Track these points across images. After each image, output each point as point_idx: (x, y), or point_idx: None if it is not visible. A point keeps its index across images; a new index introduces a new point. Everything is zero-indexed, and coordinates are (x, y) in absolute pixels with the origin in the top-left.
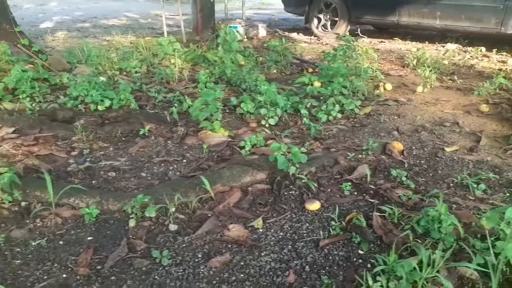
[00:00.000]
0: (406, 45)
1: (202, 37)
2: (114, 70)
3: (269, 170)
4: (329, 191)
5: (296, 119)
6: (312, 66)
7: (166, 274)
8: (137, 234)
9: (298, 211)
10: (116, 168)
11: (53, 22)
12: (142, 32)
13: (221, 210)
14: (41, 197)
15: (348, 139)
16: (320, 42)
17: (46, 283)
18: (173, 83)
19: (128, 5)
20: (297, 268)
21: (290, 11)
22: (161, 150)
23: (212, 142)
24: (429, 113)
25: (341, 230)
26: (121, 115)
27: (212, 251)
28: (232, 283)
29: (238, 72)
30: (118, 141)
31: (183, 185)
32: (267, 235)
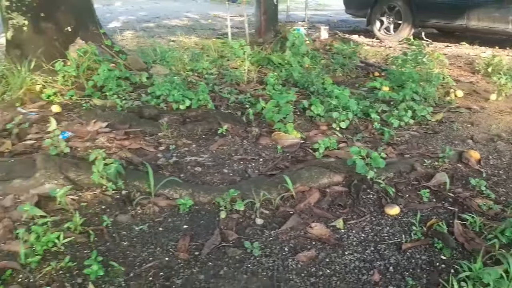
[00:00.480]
0: (474, 50)
1: (265, 39)
2: (187, 71)
3: (346, 173)
4: (407, 196)
5: (366, 124)
6: (378, 70)
7: (258, 264)
8: (228, 225)
9: (377, 214)
10: (201, 164)
11: (119, 22)
12: (203, 32)
13: (302, 208)
14: (139, 187)
15: (422, 146)
16: (383, 45)
17: (152, 264)
18: (242, 85)
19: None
20: (381, 268)
21: (351, 13)
22: (239, 149)
23: (286, 143)
24: (504, 122)
25: (422, 235)
26: (200, 115)
27: (298, 246)
28: (319, 277)
29: (305, 75)
30: (199, 139)
31: (265, 183)
32: (349, 236)
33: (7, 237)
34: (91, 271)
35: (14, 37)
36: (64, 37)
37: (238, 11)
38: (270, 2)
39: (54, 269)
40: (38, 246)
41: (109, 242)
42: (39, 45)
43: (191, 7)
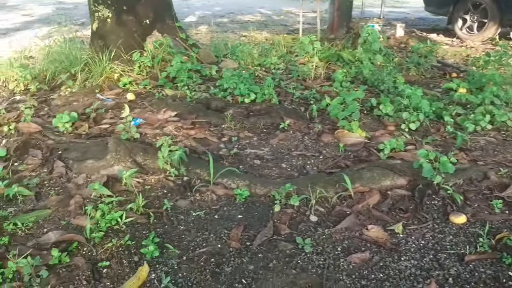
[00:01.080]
0: None
1: (337, 36)
2: (255, 66)
3: (411, 176)
4: (476, 206)
5: (438, 126)
6: (456, 70)
7: (308, 261)
8: (281, 219)
9: (441, 222)
10: (260, 157)
11: (196, 16)
12: (275, 28)
13: (360, 209)
14: (200, 175)
15: (498, 153)
16: (464, 45)
17: (205, 249)
18: (308, 81)
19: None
20: (439, 278)
21: (431, 10)
22: (299, 145)
23: (349, 142)
24: None
25: (489, 247)
26: (264, 109)
27: (351, 247)
28: (371, 281)
29: (376, 72)
30: (261, 132)
31: (323, 180)
32: (407, 241)
33: (77, 212)
34: (147, 251)
35: (99, 28)
36: (143, 29)
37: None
38: None
39: (114, 245)
40: (102, 223)
41: (167, 225)
42: (120, 36)
43: (265, 3)
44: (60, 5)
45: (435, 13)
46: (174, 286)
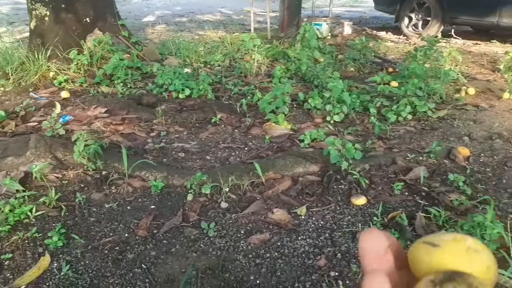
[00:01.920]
0: (505, 49)
1: (286, 34)
2: (200, 63)
3: (323, 163)
4: (380, 189)
5: (364, 118)
6: (393, 65)
7: (210, 244)
8: (192, 207)
9: (343, 204)
10: (186, 150)
11: (155, 16)
12: (232, 27)
13: (270, 195)
14: (118, 168)
15: (414, 141)
16: (408, 42)
17: (111, 238)
18: (250, 77)
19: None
20: (329, 254)
21: (380, 9)
22: (228, 138)
23: (274, 134)
24: (510, 120)
25: (381, 225)
26: (198, 104)
27: (254, 230)
28: (266, 259)
29: (313, 68)
30: (192, 127)
31: (239, 169)
32: (308, 222)
33: None
34: (51, 242)
35: (37, 27)
36: (83, 28)
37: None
38: None
39: (20, 238)
40: (10, 217)
41: (78, 217)
42: (58, 35)
43: (227, 3)
44: (16, 5)
45: (384, 11)
46: (74, 273)
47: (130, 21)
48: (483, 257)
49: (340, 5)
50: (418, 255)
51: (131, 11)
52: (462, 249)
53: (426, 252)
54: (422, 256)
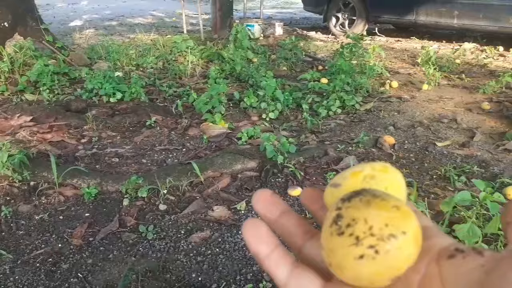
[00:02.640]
0: (423, 44)
1: (220, 35)
2: (132, 66)
3: (260, 159)
4: (314, 179)
5: (297, 114)
6: (322, 63)
7: (150, 247)
8: (129, 211)
9: (280, 196)
10: (120, 155)
11: (82, 20)
12: (165, 30)
13: (209, 193)
14: (47, 178)
15: (344, 133)
16: (337, 40)
17: (43, 250)
18: (185, 79)
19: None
20: None
21: (309, 9)
22: (164, 140)
23: (212, 133)
24: (429, 109)
25: None
26: (131, 107)
27: (194, 229)
28: (207, 256)
29: (247, 68)
30: (126, 131)
31: (177, 170)
32: (248, 216)
33: None
34: None
35: None
36: (1, 33)
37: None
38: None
39: None
40: None
41: (4, 231)
42: None
43: (159, 6)
44: None
45: (313, 12)
46: None
47: (55, 26)
48: (379, 181)
49: (271, 6)
50: (326, 199)
51: (56, 15)
52: (359, 181)
53: (331, 194)
54: (329, 199)
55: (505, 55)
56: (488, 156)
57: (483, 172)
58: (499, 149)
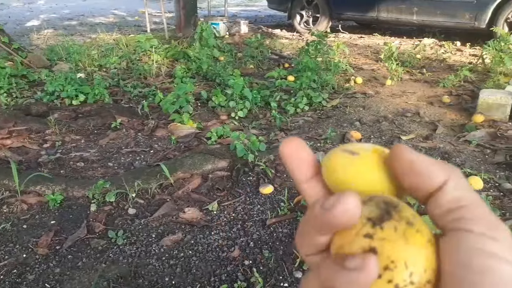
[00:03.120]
0: (385, 40)
1: (184, 34)
2: (94, 67)
3: (231, 158)
4: (285, 176)
5: (266, 112)
6: (288, 61)
7: (120, 252)
8: (97, 217)
9: (252, 194)
10: (85, 159)
11: (40, 20)
12: (128, 29)
13: (180, 195)
14: (8, 186)
15: (312, 130)
16: (302, 38)
17: (6, 262)
18: (150, 79)
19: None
20: (243, 244)
21: (273, 7)
22: (131, 142)
23: (181, 134)
24: (393, 104)
25: (288, 210)
26: (95, 109)
27: (166, 231)
28: (180, 259)
29: (214, 67)
30: (90, 134)
31: (145, 173)
32: (220, 217)
33: None
34: None
35: None
36: None
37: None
38: None
39: None
40: None
41: None
42: None
43: (120, 5)
44: None
45: (277, 9)
46: None
47: (10, 26)
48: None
49: (235, 4)
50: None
51: (12, 15)
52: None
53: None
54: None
55: (462, 49)
56: (450, 147)
57: None
58: (460, 141)
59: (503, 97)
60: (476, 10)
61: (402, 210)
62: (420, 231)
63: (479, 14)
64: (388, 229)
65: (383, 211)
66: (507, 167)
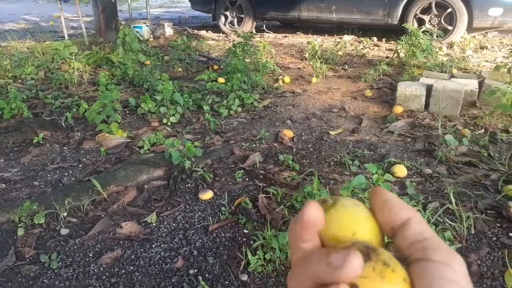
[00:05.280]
0: (308, 39)
1: (106, 39)
2: (8, 78)
3: (166, 166)
4: (224, 180)
5: (199, 116)
6: (217, 63)
7: (56, 277)
8: (27, 242)
9: (192, 202)
10: (6, 180)
11: None
12: (43, 36)
13: (115, 209)
14: None
15: (247, 131)
16: (228, 39)
17: None
18: (72, 88)
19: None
20: (186, 254)
21: (197, 9)
22: (56, 157)
23: (110, 145)
24: (320, 101)
25: (230, 214)
26: (13, 125)
27: (104, 249)
28: (121, 276)
29: (140, 72)
30: (10, 152)
31: (75, 189)
32: (160, 228)
33: None
34: None
35: None
36: None
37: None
38: (107, 0)
39: None
40: None
41: None
42: None
43: (32, 9)
44: None
45: (201, 11)
46: None
47: None
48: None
49: (158, 6)
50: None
51: None
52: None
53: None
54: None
55: (379, 44)
56: (375, 139)
57: (373, 155)
58: (383, 132)
59: (417, 88)
60: (388, 8)
61: (380, 253)
62: (395, 270)
63: (391, 11)
64: (368, 269)
65: (364, 254)
66: (426, 154)
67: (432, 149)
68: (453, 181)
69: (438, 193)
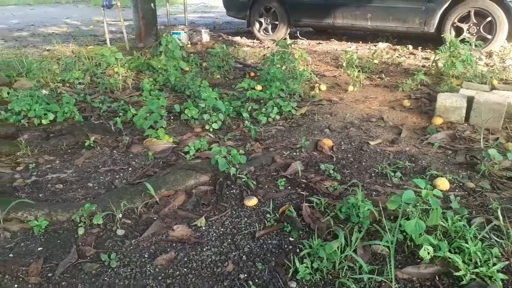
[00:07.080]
0: (342, 46)
1: (146, 44)
2: (57, 82)
3: (212, 172)
4: (266, 187)
5: (239, 123)
6: (254, 70)
7: (115, 275)
8: (86, 241)
9: (238, 208)
10: (63, 180)
11: None
12: (84, 40)
13: (167, 213)
14: None
15: (286, 139)
16: (262, 45)
17: None
18: (117, 93)
19: (68, 11)
20: (235, 259)
21: (232, 15)
22: (107, 160)
23: (157, 149)
24: (358, 110)
25: (275, 221)
26: (66, 128)
27: (158, 251)
28: (176, 277)
29: (182, 79)
30: (64, 154)
31: (129, 192)
32: (209, 232)
33: None
34: None
35: None
36: None
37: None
38: (148, 7)
39: None
40: None
41: None
42: None
43: (72, 13)
44: None
45: (236, 17)
46: None
47: None
48: None
49: (192, 11)
50: None
51: None
52: None
53: None
54: None
55: (414, 53)
56: (415, 150)
57: (414, 166)
58: (424, 143)
59: (458, 100)
60: (425, 16)
61: None
62: None
63: (428, 19)
64: None
65: None
66: (468, 167)
67: (474, 163)
68: (497, 196)
69: (482, 208)
